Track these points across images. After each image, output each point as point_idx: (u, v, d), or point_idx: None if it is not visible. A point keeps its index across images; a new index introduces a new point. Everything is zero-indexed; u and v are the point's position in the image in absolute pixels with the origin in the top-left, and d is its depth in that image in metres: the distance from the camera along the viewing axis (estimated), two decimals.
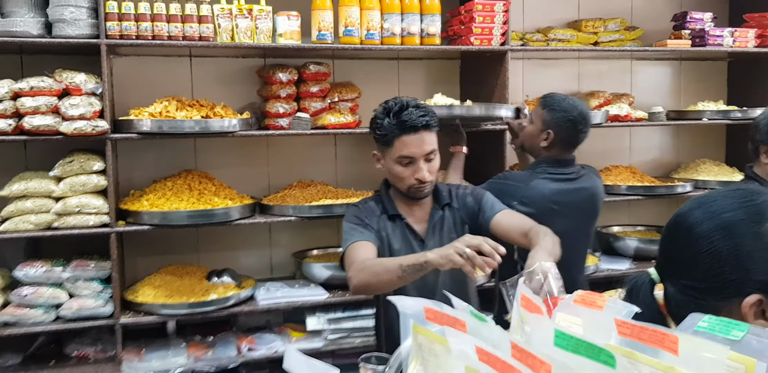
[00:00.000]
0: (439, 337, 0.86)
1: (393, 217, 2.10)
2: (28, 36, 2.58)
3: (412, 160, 1.97)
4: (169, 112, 2.78)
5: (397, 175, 2.01)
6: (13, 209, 2.61)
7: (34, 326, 2.62)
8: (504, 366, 0.71)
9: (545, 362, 0.68)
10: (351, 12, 2.96)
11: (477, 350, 0.75)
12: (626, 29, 3.64)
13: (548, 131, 2.49)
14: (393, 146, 1.97)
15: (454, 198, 2.18)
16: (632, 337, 0.79)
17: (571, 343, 0.75)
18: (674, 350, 0.75)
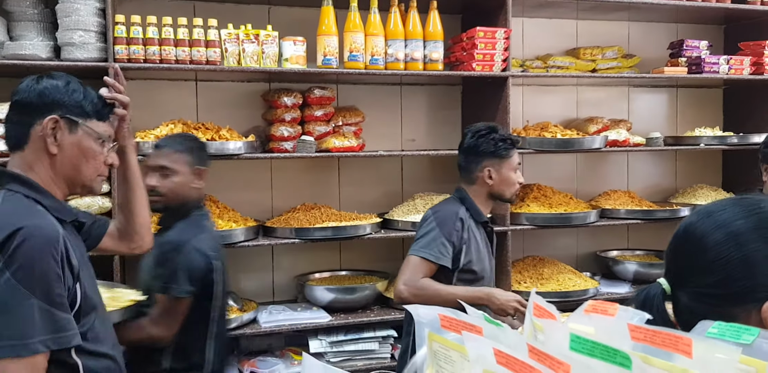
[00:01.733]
0: (456, 344, 0.88)
1: (481, 223, 2.46)
2: (37, 59, 2.63)
3: (517, 168, 2.46)
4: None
5: (513, 181, 2.43)
6: None
7: None
8: (523, 367, 0.73)
9: (564, 363, 0.70)
10: (356, 38, 3.02)
11: (495, 353, 0.76)
12: (624, 57, 3.72)
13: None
14: (512, 157, 2.42)
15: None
16: (646, 341, 0.80)
17: (587, 346, 0.77)
18: (688, 352, 0.76)
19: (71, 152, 1.52)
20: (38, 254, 1.35)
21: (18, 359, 1.31)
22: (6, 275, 1.32)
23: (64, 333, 1.37)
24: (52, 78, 1.55)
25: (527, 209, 3.36)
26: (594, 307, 0.93)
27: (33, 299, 1.33)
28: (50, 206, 1.48)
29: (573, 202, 3.53)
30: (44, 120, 1.48)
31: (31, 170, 1.51)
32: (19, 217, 1.40)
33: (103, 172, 1.59)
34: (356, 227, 3.03)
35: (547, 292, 3.20)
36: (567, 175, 3.89)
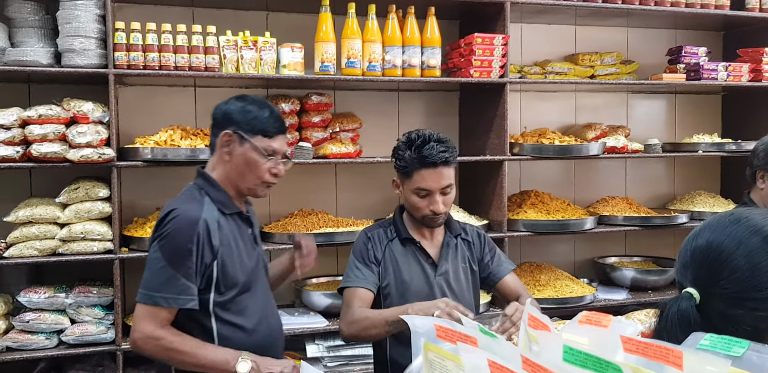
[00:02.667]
0: (451, 354, 0.89)
1: (405, 240, 2.17)
2: (38, 65, 2.64)
3: (428, 192, 2.05)
4: (173, 140, 2.83)
5: (413, 205, 2.10)
6: (18, 235, 2.63)
7: (36, 352, 2.62)
8: None
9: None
10: (353, 44, 3.03)
11: (489, 364, 0.77)
12: (622, 63, 3.73)
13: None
14: (412, 178, 2.05)
15: (466, 231, 2.28)
16: (638, 353, 0.81)
17: (580, 358, 0.78)
18: (679, 365, 0.77)
19: (238, 161, 1.87)
20: (178, 232, 1.74)
21: (144, 305, 1.74)
22: (155, 243, 1.76)
23: (181, 296, 1.73)
24: (239, 100, 1.92)
25: (524, 216, 3.37)
26: (588, 318, 0.94)
27: (165, 264, 1.72)
28: (216, 198, 1.86)
29: (570, 208, 3.53)
30: (221, 133, 1.86)
31: (213, 170, 1.92)
32: (180, 202, 1.83)
33: (267, 180, 1.90)
34: (353, 233, 3.03)
35: (544, 298, 3.21)
36: (565, 182, 3.89)
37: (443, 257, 2.18)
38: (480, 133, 3.41)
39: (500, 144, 3.26)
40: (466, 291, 2.20)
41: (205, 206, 1.82)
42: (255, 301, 1.91)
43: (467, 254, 2.23)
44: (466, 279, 2.21)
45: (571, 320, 1.00)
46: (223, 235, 1.82)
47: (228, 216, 1.87)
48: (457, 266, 2.19)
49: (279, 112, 1.94)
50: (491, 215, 3.33)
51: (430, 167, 2.02)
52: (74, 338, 2.66)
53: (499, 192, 3.25)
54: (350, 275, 2.13)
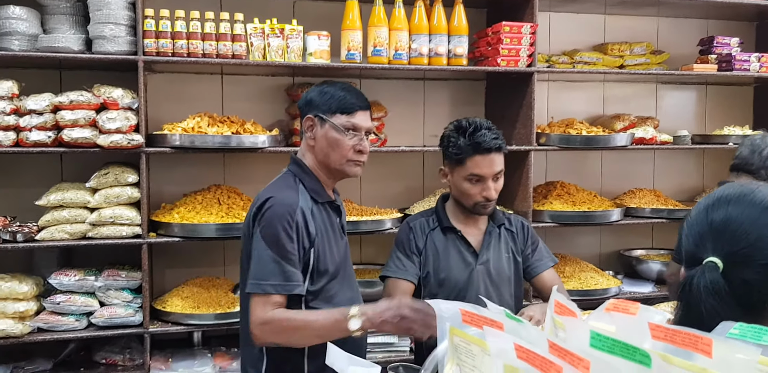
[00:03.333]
0: (477, 339, 0.89)
1: (446, 229, 2.18)
2: (69, 51, 2.67)
3: (481, 178, 2.07)
4: (201, 127, 2.86)
5: (465, 192, 2.11)
6: (49, 218, 2.68)
7: (66, 333, 2.67)
8: (543, 362, 0.73)
9: (584, 359, 0.71)
10: (380, 32, 3.03)
11: (516, 348, 0.77)
12: (652, 53, 3.68)
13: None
14: (464, 165, 2.08)
15: (510, 221, 2.28)
16: (666, 340, 0.81)
17: (607, 344, 0.78)
18: (708, 352, 0.77)
19: (322, 143, 1.89)
20: (276, 218, 1.74)
21: (258, 296, 1.73)
22: (258, 231, 1.76)
23: (289, 282, 1.74)
24: (318, 85, 1.95)
25: (550, 207, 3.35)
26: (615, 305, 0.94)
27: (269, 251, 1.72)
28: (310, 186, 1.88)
29: (597, 200, 3.50)
30: (304, 119, 1.91)
31: (304, 157, 1.94)
32: (276, 190, 1.84)
33: (352, 158, 1.90)
34: (377, 222, 3.04)
35: (568, 290, 3.19)
36: (591, 173, 3.86)
37: (485, 246, 2.19)
38: (506, 123, 3.39)
39: (527, 134, 3.24)
40: (507, 282, 2.20)
41: (300, 194, 1.84)
42: (342, 289, 1.93)
43: (511, 244, 2.24)
44: (509, 269, 2.21)
45: (598, 308, 1.00)
46: (317, 223, 1.84)
47: (320, 205, 1.89)
48: (499, 255, 2.20)
49: (359, 91, 1.95)
50: (516, 205, 3.31)
51: (484, 153, 2.05)
52: (103, 320, 2.71)
53: (525, 183, 3.24)
54: (392, 265, 2.17)
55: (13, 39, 2.64)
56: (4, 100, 2.60)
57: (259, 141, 2.87)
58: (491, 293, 2.17)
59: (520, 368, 0.76)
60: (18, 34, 2.64)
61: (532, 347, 0.76)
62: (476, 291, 2.12)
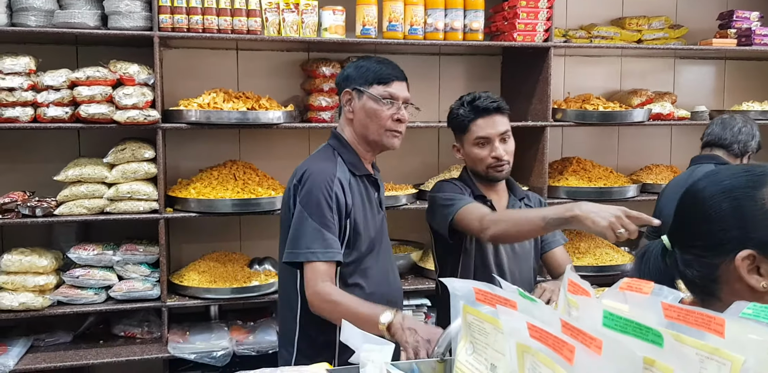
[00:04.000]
0: (490, 317, 0.90)
1: (477, 197, 2.18)
2: (85, 27, 2.68)
3: (488, 140, 2.11)
4: (216, 103, 2.86)
5: (476, 157, 2.13)
6: (67, 193, 2.72)
7: (86, 306, 2.73)
8: (556, 342, 0.74)
9: (596, 339, 0.72)
10: (395, 7, 3.00)
11: (528, 327, 0.78)
12: (670, 27, 3.62)
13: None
14: (469, 130, 2.12)
15: (529, 197, 2.31)
16: (679, 320, 0.81)
17: (620, 323, 0.78)
18: (720, 332, 0.77)
19: (360, 115, 1.92)
20: (315, 188, 1.80)
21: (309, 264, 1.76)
22: (299, 200, 1.82)
23: (330, 250, 1.77)
24: (354, 61, 1.99)
25: (566, 183, 3.34)
26: (629, 285, 0.94)
27: (310, 219, 1.77)
28: (348, 160, 1.93)
29: (613, 176, 3.49)
30: (342, 94, 1.94)
31: (343, 131, 1.99)
32: (314, 162, 1.90)
33: (390, 127, 1.92)
34: (392, 198, 3.05)
35: (583, 266, 3.20)
36: (608, 149, 3.83)
37: None
38: (522, 99, 3.36)
39: (543, 110, 3.22)
40: (527, 255, 2.24)
41: (338, 166, 1.89)
42: (377, 263, 1.96)
43: None
44: (530, 243, 2.24)
45: (611, 287, 1.01)
46: (354, 195, 1.88)
47: (358, 177, 1.93)
48: None
49: (395, 64, 1.98)
50: (532, 181, 3.31)
51: (485, 115, 2.10)
52: (121, 294, 2.76)
53: (541, 158, 3.22)
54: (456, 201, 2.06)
55: (29, 15, 2.64)
56: (22, 76, 2.62)
57: (274, 117, 2.87)
58: (512, 265, 2.21)
59: (533, 347, 0.77)
60: (34, 9, 2.65)
61: (545, 326, 0.77)
62: (500, 262, 2.17)
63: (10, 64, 2.60)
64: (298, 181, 1.85)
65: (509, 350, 0.83)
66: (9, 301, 2.61)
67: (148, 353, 2.75)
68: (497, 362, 0.88)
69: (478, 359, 0.92)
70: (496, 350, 0.88)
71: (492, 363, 0.88)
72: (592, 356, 0.73)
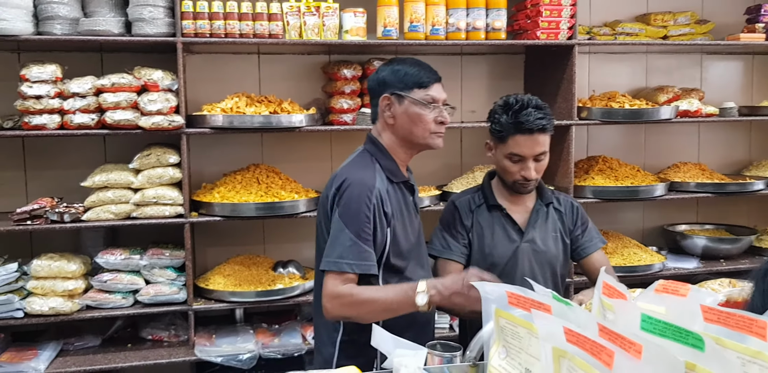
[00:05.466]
0: (524, 321, 0.88)
1: (492, 207, 2.16)
2: (110, 35, 2.70)
3: (521, 158, 2.04)
4: (239, 107, 2.87)
5: (505, 169, 2.09)
6: (95, 199, 2.74)
7: (114, 310, 2.75)
8: (594, 346, 0.73)
9: (635, 343, 0.70)
10: (416, 8, 2.98)
11: (565, 331, 0.77)
12: (697, 23, 3.56)
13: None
14: (506, 143, 2.04)
15: (559, 200, 2.24)
16: (719, 323, 0.79)
17: (658, 327, 0.77)
18: (762, 335, 0.75)
19: (403, 120, 1.88)
20: (354, 200, 1.77)
21: (332, 273, 1.75)
22: (336, 212, 1.79)
23: (364, 262, 1.76)
24: (387, 64, 1.95)
25: (592, 182, 3.30)
26: (665, 287, 0.92)
27: (346, 230, 1.76)
28: (385, 166, 1.89)
29: (640, 174, 3.44)
30: (380, 99, 1.89)
31: (380, 136, 1.94)
32: (353, 170, 1.85)
33: (435, 130, 1.90)
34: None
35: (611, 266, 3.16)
36: (634, 147, 3.78)
37: (531, 225, 2.15)
38: (546, 97, 3.31)
39: (567, 108, 3.18)
40: (553, 261, 2.16)
41: (377, 174, 1.86)
42: (415, 268, 1.95)
43: (558, 224, 2.20)
44: (557, 249, 2.17)
45: (647, 289, 0.99)
46: (392, 203, 1.86)
47: (395, 184, 1.90)
48: (546, 234, 2.16)
49: (429, 65, 1.94)
50: (557, 181, 3.27)
51: (526, 133, 2.00)
52: (149, 297, 2.77)
53: (566, 158, 3.19)
54: (437, 243, 2.15)
55: (55, 23, 2.67)
56: (49, 84, 2.64)
57: (296, 120, 2.87)
58: (536, 271, 2.14)
59: (569, 352, 0.76)
60: (60, 18, 2.67)
61: (582, 330, 0.75)
62: (521, 269, 2.11)
63: (37, 72, 2.63)
64: (336, 190, 1.82)
65: (544, 354, 0.82)
66: (39, 306, 2.64)
67: (176, 356, 2.77)
68: (532, 367, 0.86)
69: (511, 364, 0.91)
70: (530, 355, 0.86)
71: (527, 368, 0.87)
72: (631, 361, 0.71)
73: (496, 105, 2.10)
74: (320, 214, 1.92)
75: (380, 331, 0.88)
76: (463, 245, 2.14)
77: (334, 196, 1.82)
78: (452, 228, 2.15)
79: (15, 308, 2.64)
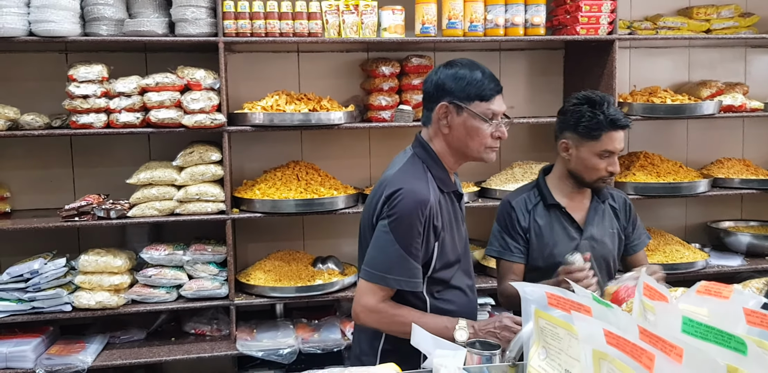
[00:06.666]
0: (564, 322, 0.89)
1: (550, 206, 2.18)
2: (154, 35, 2.76)
3: (611, 154, 2.09)
4: (279, 105, 2.91)
5: (593, 167, 2.10)
6: (140, 196, 2.81)
7: (158, 305, 2.82)
8: (634, 349, 0.73)
9: (676, 346, 0.70)
10: (455, 4, 2.98)
11: (605, 334, 0.77)
12: (741, 16, 3.48)
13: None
14: (599, 140, 2.06)
15: (613, 197, 2.27)
16: (763, 326, 0.79)
17: (700, 330, 0.76)
18: None
19: (459, 131, 1.80)
20: (407, 213, 1.71)
21: (374, 284, 1.73)
22: (385, 222, 1.73)
23: (412, 279, 1.74)
24: (448, 67, 1.83)
25: (633, 178, 3.25)
26: (707, 288, 0.92)
27: (396, 245, 1.71)
28: (436, 175, 1.83)
29: (683, 171, 3.38)
30: (437, 106, 1.79)
31: (431, 142, 1.86)
32: (406, 179, 1.77)
33: (491, 145, 1.83)
34: None
35: (652, 264, 3.11)
36: (676, 143, 3.72)
37: (589, 222, 2.18)
38: None
39: None
40: (609, 257, 2.20)
41: (429, 185, 1.80)
42: (462, 276, 1.93)
43: (614, 220, 2.24)
44: (612, 245, 2.21)
45: (688, 290, 0.98)
46: (443, 215, 1.82)
47: (445, 194, 1.86)
48: (603, 231, 2.19)
49: (490, 72, 1.83)
50: None
51: (618, 129, 2.06)
52: (191, 292, 2.84)
53: None
54: (496, 244, 2.19)
55: (101, 24, 2.74)
56: (95, 84, 2.72)
57: (336, 118, 2.90)
58: (594, 268, 2.16)
59: (610, 354, 0.76)
60: (105, 19, 2.74)
61: (623, 333, 0.75)
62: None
63: (84, 72, 2.70)
64: (387, 198, 1.74)
65: (584, 356, 0.82)
66: (86, 300, 2.72)
67: (218, 351, 2.83)
68: (572, 369, 0.86)
69: (551, 365, 0.91)
70: (570, 356, 0.87)
71: (566, 369, 0.87)
72: (672, 365, 0.71)
73: (575, 104, 2.11)
74: (365, 216, 1.87)
75: (420, 331, 0.89)
76: (522, 246, 2.17)
77: (383, 204, 1.76)
78: (510, 229, 2.18)
79: (64, 302, 2.73)
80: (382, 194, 1.77)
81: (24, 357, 2.66)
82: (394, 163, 1.90)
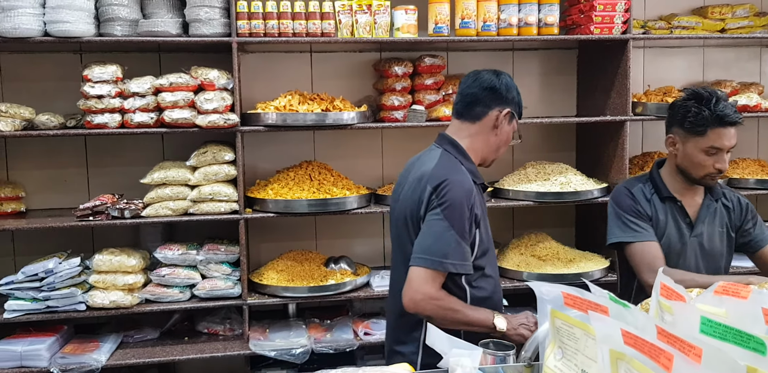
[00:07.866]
0: (580, 322, 0.88)
1: (666, 199, 2.20)
2: (168, 35, 2.77)
3: (718, 151, 2.09)
4: (292, 105, 2.92)
5: (699, 163, 2.12)
6: (153, 195, 2.83)
7: (171, 304, 2.83)
8: (652, 349, 0.72)
9: (695, 347, 0.70)
10: (468, 4, 2.97)
11: (623, 334, 0.76)
12: (756, 15, 3.45)
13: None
14: (706, 136, 2.08)
15: (726, 196, 2.27)
16: None
17: (719, 330, 0.76)
18: None
19: (501, 137, 1.98)
20: (458, 200, 1.81)
21: (432, 271, 1.78)
22: (438, 211, 1.81)
23: (466, 262, 1.82)
24: (508, 76, 2.01)
25: None
26: (725, 289, 0.91)
27: (452, 231, 1.78)
28: (468, 168, 1.93)
29: None
30: (504, 110, 1.95)
31: (464, 139, 1.97)
32: (449, 171, 1.87)
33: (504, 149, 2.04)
34: None
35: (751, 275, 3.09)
36: None
37: (701, 219, 2.20)
38: (600, 93, 3.28)
39: (622, 104, 3.13)
40: (719, 256, 2.21)
41: (468, 176, 1.91)
42: (493, 265, 2.01)
43: (726, 219, 2.24)
44: (722, 244, 2.22)
45: (706, 290, 0.97)
46: (480, 205, 1.92)
47: (477, 185, 1.95)
48: (713, 229, 2.21)
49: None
50: (611, 177, 3.22)
51: (727, 126, 2.06)
52: (205, 292, 2.85)
53: (620, 154, 3.13)
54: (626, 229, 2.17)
55: (115, 25, 2.76)
56: (110, 84, 2.73)
57: (349, 118, 2.90)
58: (701, 265, 2.19)
59: (627, 354, 0.76)
60: (120, 19, 2.76)
61: (640, 333, 0.75)
62: (687, 263, 2.16)
63: (98, 72, 2.72)
64: (434, 189, 1.83)
65: (602, 356, 0.82)
66: (101, 299, 2.74)
67: (231, 350, 2.83)
68: (588, 369, 0.86)
69: (567, 365, 0.91)
70: (587, 357, 0.86)
71: (583, 369, 0.87)
72: (691, 365, 0.70)
73: (684, 99, 2.13)
74: (404, 213, 1.93)
75: (435, 330, 0.89)
76: (651, 227, 2.17)
77: (431, 195, 1.83)
78: (638, 212, 2.18)
79: (78, 301, 2.74)
80: (425, 187, 1.86)
81: (38, 356, 2.68)
82: (423, 161, 1.97)
